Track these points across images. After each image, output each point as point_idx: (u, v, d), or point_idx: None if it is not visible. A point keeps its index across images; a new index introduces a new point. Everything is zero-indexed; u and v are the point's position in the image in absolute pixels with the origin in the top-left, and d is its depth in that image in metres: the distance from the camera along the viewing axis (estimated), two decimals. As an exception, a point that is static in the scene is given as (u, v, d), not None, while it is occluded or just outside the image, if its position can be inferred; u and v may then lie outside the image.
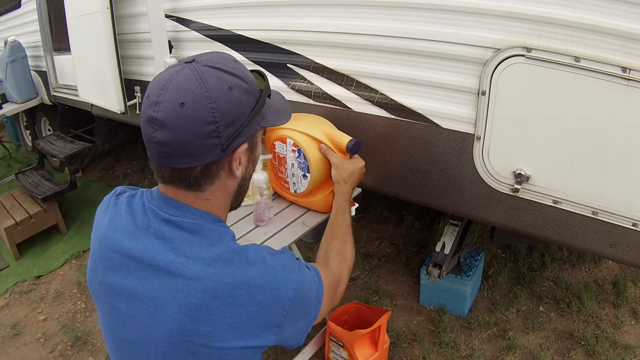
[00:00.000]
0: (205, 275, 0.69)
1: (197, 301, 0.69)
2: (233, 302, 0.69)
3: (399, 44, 1.47)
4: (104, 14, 2.33)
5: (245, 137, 0.75)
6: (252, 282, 0.71)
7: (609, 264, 2.51)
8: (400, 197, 1.73)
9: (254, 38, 1.86)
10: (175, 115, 0.68)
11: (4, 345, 2.39)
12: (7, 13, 3.99)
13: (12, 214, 3.20)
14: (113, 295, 0.76)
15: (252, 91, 0.75)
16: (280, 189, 1.65)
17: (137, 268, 0.73)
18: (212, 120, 0.69)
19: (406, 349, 2.10)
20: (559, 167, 1.30)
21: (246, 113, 0.73)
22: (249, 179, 0.84)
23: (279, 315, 0.73)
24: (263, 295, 0.71)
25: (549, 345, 2.06)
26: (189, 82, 0.69)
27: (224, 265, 0.71)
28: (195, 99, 0.68)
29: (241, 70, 0.75)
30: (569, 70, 1.19)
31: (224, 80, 0.71)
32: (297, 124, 1.55)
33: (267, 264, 0.74)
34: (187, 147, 0.69)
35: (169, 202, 0.75)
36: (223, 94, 0.70)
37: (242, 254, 0.74)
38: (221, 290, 0.69)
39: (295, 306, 0.75)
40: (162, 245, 0.72)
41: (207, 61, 0.72)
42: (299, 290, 0.75)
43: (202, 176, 0.73)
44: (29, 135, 4.72)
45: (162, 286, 0.71)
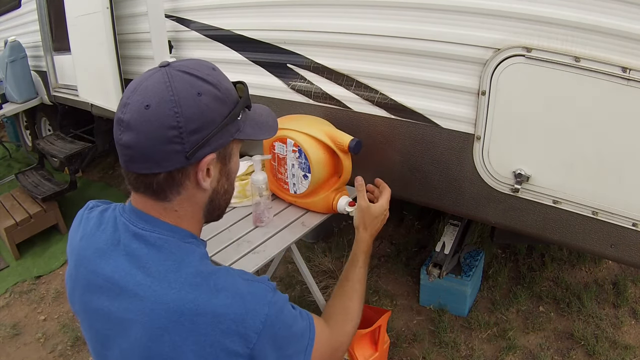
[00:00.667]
0: (169, 299, 0.67)
1: (160, 325, 0.67)
2: (195, 330, 0.66)
3: (399, 44, 1.47)
4: (104, 14, 2.33)
5: (213, 146, 0.70)
6: (216, 310, 0.67)
7: (609, 264, 2.51)
8: (400, 197, 1.73)
9: (254, 38, 1.86)
10: (139, 118, 0.66)
11: (4, 345, 2.39)
12: (7, 13, 3.99)
13: (12, 214, 3.20)
14: (90, 314, 0.76)
15: (226, 100, 0.72)
16: (279, 190, 1.65)
17: (109, 288, 0.72)
18: (175, 125, 0.66)
19: (406, 349, 2.10)
20: (559, 167, 1.30)
21: (216, 121, 0.70)
22: (225, 194, 0.80)
23: (244, 347, 0.68)
24: (227, 325, 0.67)
25: (549, 345, 2.06)
26: (157, 85, 0.67)
27: (190, 290, 0.67)
28: (160, 102, 0.66)
29: (216, 78, 0.72)
30: (569, 71, 1.19)
31: (193, 85, 0.68)
32: (297, 124, 1.55)
33: (236, 292, 0.69)
34: (149, 152, 0.67)
35: (140, 215, 0.73)
36: (190, 99, 0.67)
37: (210, 278, 0.69)
38: (184, 316, 0.66)
39: (264, 341, 0.69)
40: (131, 264, 0.70)
41: (181, 66, 0.70)
42: (269, 324, 0.70)
43: (166, 184, 0.70)
44: (29, 135, 4.72)
45: (130, 308, 0.69)
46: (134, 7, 2.38)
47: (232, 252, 1.40)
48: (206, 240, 0.83)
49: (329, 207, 1.54)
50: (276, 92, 1.88)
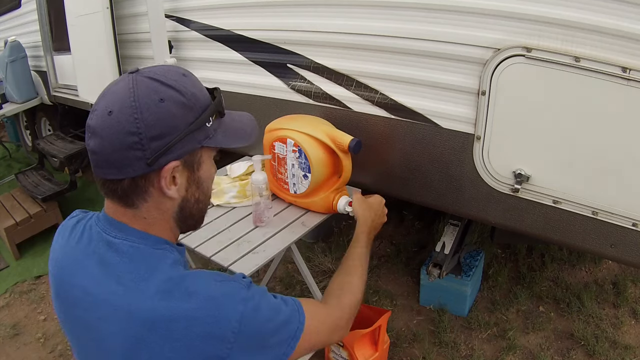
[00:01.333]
0: (142, 308, 0.66)
1: (135, 334, 0.66)
2: (171, 337, 0.65)
3: (399, 44, 1.47)
4: (104, 14, 2.33)
5: (176, 154, 0.69)
6: (189, 314, 0.66)
7: (609, 264, 2.51)
8: (400, 197, 1.73)
9: (254, 38, 1.86)
10: (102, 124, 0.66)
11: (4, 345, 2.38)
12: (7, 13, 3.99)
13: (12, 214, 3.20)
14: (72, 325, 0.76)
15: (192, 106, 0.70)
16: (279, 190, 1.65)
17: (84, 299, 0.71)
18: (135, 132, 0.65)
19: (406, 349, 2.10)
20: (559, 167, 1.30)
21: (179, 128, 0.68)
22: (197, 203, 0.77)
23: (222, 348, 0.67)
24: (202, 329, 0.66)
25: (549, 345, 2.06)
26: (122, 91, 0.67)
27: (162, 297, 0.67)
28: (122, 108, 0.66)
29: (183, 84, 0.70)
30: (569, 70, 1.19)
31: (157, 91, 0.67)
32: (297, 124, 1.55)
33: (208, 294, 0.68)
34: (111, 158, 0.67)
35: (112, 222, 0.73)
36: (151, 105, 0.66)
37: (181, 283, 0.68)
38: (158, 324, 0.66)
39: (244, 339, 0.68)
40: (104, 274, 0.70)
41: (149, 72, 0.69)
42: (246, 322, 0.69)
43: (130, 190, 0.69)
44: (29, 135, 4.72)
45: (105, 318, 0.69)
46: (134, 7, 2.38)
47: (232, 252, 1.40)
48: (184, 247, 0.82)
49: (329, 207, 1.54)
50: (276, 92, 1.88)
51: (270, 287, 2.47)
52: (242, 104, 2.01)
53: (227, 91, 2.03)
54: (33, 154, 4.51)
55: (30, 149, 4.68)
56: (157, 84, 0.68)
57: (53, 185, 3.43)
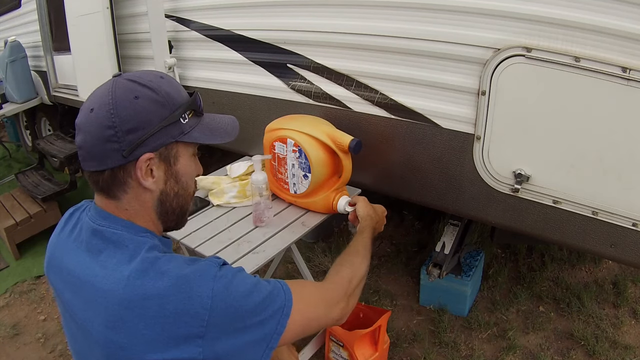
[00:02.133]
0: (119, 287, 0.70)
1: (114, 313, 0.69)
2: (145, 314, 0.68)
3: (399, 44, 1.47)
4: (104, 14, 2.33)
5: (151, 146, 0.74)
6: (162, 292, 0.69)
7: (609, 264, 2.51)
8: (400, 197, 1.73)
9: (254, 38, 1.86)
10: (85, 120, 0.74)
11: (4, 345, 2.38)
12: (7, 13, 3.98)
13: (12, 214, 3.20)
14: (63, 308, 0.81)
15: (165, 103, 0.76)
16: (279, 190, 1.65)
17: (73, 283, 0.77)
18: (111, 125, 0.72)
19: (406, 349, 2.10)
20: (559, 167, 1.30)
21: (153, 122, 0.74)
22: (176, 197, 0.81)
23: (196, 326, 0.69)
24: (174, 306, 0.68)
25: (549, 345, 2.06)
26: (103, 91, 0.74)
27: (138, 276, 0.70)
28: (101, 105, 0.73)
29: (158, 84, 0.76)
30: (569, 70, 1.19)
31: (132, 90, 0.74)
32: (297, 124, 1.55)
33: (180, 273, 0.71)
34: (92, 151, 0.73)
35: (99, 212, 0.78)
36: (126, 102, 0.72)
37: (155, 263, 0.72)
38: (133, 302, 0.69)
39: (218, 316, 0.70)
40: (90, 259, 0.75)
41: (129, 75, 0.77)
42: (218, 298, 0.70)
43: (110, 182, 0.75)
44: (29, 135, 4.72)
45: (89, 299, 0.73)
46: (134, 7, 2.38)
47: (232, 252, 1.40)
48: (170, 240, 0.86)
49: (329, 207, 1.54)
50: (276, 92, 1.88)
51: (270, 287, 2.47)
52: (242, 104, 2.01)
53: (227, 91, 2.03)
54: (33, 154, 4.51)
55: (30, 149, 4.68)
56: (133, 84, 0.75)
57: (53, 185, 3.43)
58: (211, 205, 1.66)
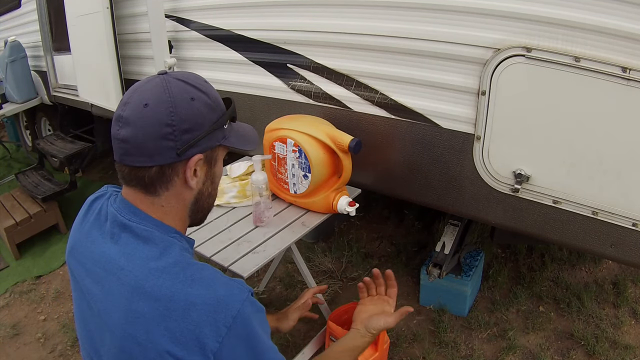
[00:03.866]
0: (147, 285, 0.71)
1: (137, 309, 0.70)
2: (168, 315, 0.69)
3: (399, 44, 1.47)
4: (104, 14, 2.33)
5: (201, 147, 0.77)
6: (189, 299, 0.70)
7: (609, 264, 2.51)
8: (400, 197, 1.73)
9: (254, 38, 1.86)
10: (138, 114, 0.73)
11: (4, 345, 2.38)
12: (7, 13, 3.99)
13: (12, 214, 3.20)
14: (81, 294, 0.81)
15: (215, 108, 0.79)
16: (279, 190, 1.65)
17: (95, 272, 0.77)
18: (170, 123, 0.73)
19: (406, 349, 2.10)
20: (559, 167, 1.30)
21: (205, 125, 0.77)
22: (209, 197, 0.85)
23: (213, 340, 0.69)
24: (198, 315, 0.69)
25: (549, 345, 2.06)
26: (156, 88, 0.75)
27: (167, 278, 0.71)
28: (158, 102, 0.73)
29: (207, 88, 0.79)
30: (569, 70, 1.19)
31: (187, 91, 0.76)
32: (297, 124, 1.55)
33: (211, 286, 0.72)
34: (144, 146, 0.73)
35: (128, 207, 0.78)
36: (184, 102, 0.74)
37: (188, 269, 0.73)
38: (159, 302, 0.70)
39: (234, 339, 0.71)
40: (116, 252, 0.76)
41: (177, 75, 0.78)
42: (241, 321, 0.71)
43: (156, 178, 0.76)
44: (29, 135, 4.72)
45: (111, 291, 0.74)
46: (134, 7, 2.38)
47: (232, 252, 1.40)
48: (194, 240, 0.88)
49: (329, 207, 1.54)
50: (276, 92, 1.88)
51: (271, 287, 2.47)
52: (242, 104, 2.01)
53: (227, 91, 2.03)
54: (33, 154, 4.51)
55: (30, 149, 4.69)
56: (187, 86, 0.76)
57: (53, 185, 3.43)
58: (211, 205, 1.66)
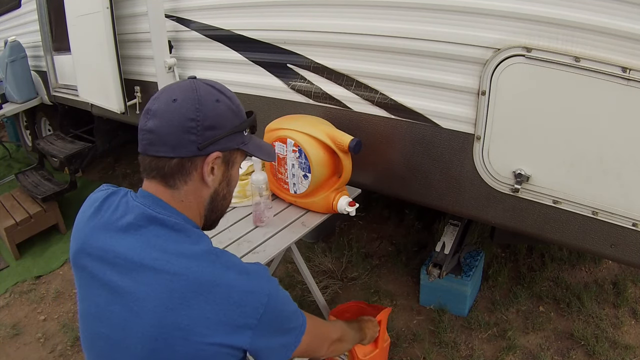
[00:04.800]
0: (188, 271, 0.76)
1: (179, 295, 0.74)
2: (212, 299, 0.75)
3: (399, 44, 1.47)
4: (104, 14, 2.33)
5: (221, 146, 0.83)
6: (229, 282, 0.77)
7: (609, 264, 2.51)
8: (400, 197, 1.73)
9: (254, 38, 1.86)
10: (166, 108, 0.79)
11: (4, 345, 2.38)
12: (7, 13, 3.99)
13: (12, 214, 3.20)
14: (93, 287, 0.81)
15: (237, 112, 0.86)
16: (279, 190, 1.65)
17: (121, 265, 0.78)
18: (194, 118, 0.79)
19: (406, 348, 2.10)
20: (559, 167, 1.30)
21: (227, 126, 0.83)
22: (223, 199, 0.90)
23: (252, 318, 0.77)
24: (239, 296, 0.76)
25: (549, 345, 2.06)
26: (185, 87, 0.82)
27: (207, 264, 0.77)
28: (185, 98, 0.79)
29: (231, 95, 0.86)
30: (569, 70, 1.19)
31: (213, 93, 0.83)
32: (297, 124, 1.55)
33: (243, 269, 0.81)
34: (168, 137, 0.78)
35: (154, 200, 0.82)
36: (209, 102, 0.81)
37: (222, 256, 0.81)
38: (202, 286, 0.75)
39: (269, 314, 0.79)
40: (145, 244, 0.79)
41: (205, 80, 0.85)
42: (272, 298, 0.80)
43: (176, 170, 0.80)
44: (29, 135, 4.72)
45: (144, 281, 0.76)
46: (134, 7, 2.38)
47: (232, 252, 1.39)
48: None
49: (329, 207, 1.54)
50: (276, 92, 1.88)
51: (270, 287, 2.46)
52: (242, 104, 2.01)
53: (227, 91, 2.03)
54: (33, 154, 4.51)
55: (30, 149, 4.68)
56: (214, 90, 0.83)
57: (53, 185, 3.43)
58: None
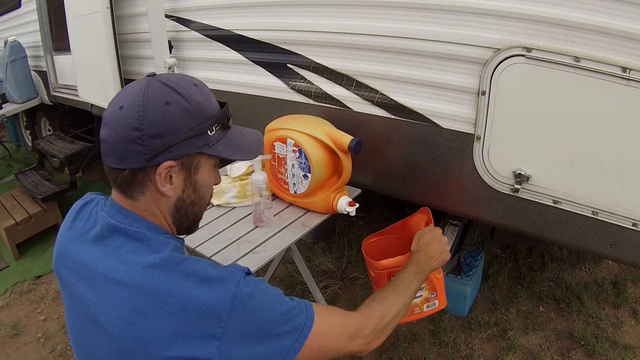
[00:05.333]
0: (143, 282, 0.71)
1: (136, 307, 0.70)
2: (167, 310, 0.70)
3: (398, 44, 1.47)
4: (104, 14, 2.33)
5: (174, 154, 0.74)
6: (186, 292, 0.71)
7: (609, 264, 2.51)
8: (400, 197, 1.73)
9: (254, 38, 1.86)
10: (113, 116, 0.74)
11: (4, 345, 2.38)
12: (7, 13, 3.99)
13: (12, 214, 3.20)
14: (73, 301, 0.81)
15: (195, 113, 0.75)
16: (279, 190, 1.65)
17: (88, 276, 0.77)
18: (138, 127, 0.72)
19: (406, 349, 2.10)
20: (559, 167, 1.30)
21: (180, 131, 0.74)
22: (192, 205, 0.82)
23: (216, 327, 0.70)
24: (197, 306, 0.70)
25: (549, 345, 2.06)
26: (135, 90, 0.74)
27: (163, 274, 0.72)
28: (131, 105, 0.73)
29: (190, 93, 0.76)
30: (569, 70, 1.19)
31: (164, 95, 0.73)
32: (297, 124, 1.55)
33: (205, 276, 0.73)
34: (115, 147, 0.74)
35: (119, 209, 0.78)
36: (157, 106, 0.72)
37: (182, 264, 0.74)
38: (157, 297, 0.70)
39: (238, 321, 0.71)
40: (109, 254, 0.75)
41: (163, 78, 0.76)
42: (240, 304, 0.72)
43: (129, 181, 0.76)
44: (29, 135, 4.72)
45: (107, 294, 0.73)
46: (134, 7, 2.38)
47: (232, 252, 1.40)
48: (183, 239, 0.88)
49: (329, 207, 1.54)
50: (276, 92, 1.88)
51: (270, 287, 2.46)
52: (242, 104, 2.01)
53: (227, 91, 2.03)
54: (33, 154, 4.51)
55: (30, 149, 4.68)
56: (166, 89, 0.74)
57: (53, 185, 3.43)
58: (211, 205, 1.66)
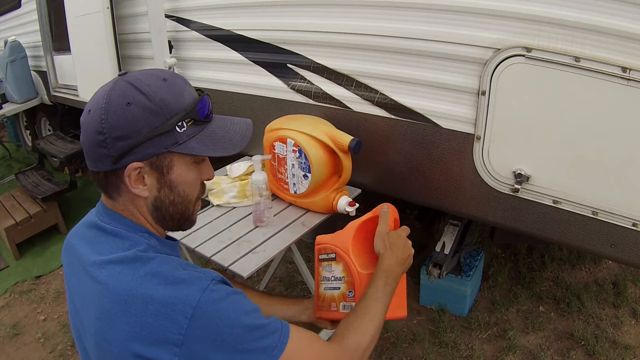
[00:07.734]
0: (109, 280, 0.71)
1: (103, 305, 0.71)
2: (127, 310, 0.68)
3: (399, 44, 1.47)
4: (104, 14, 2.33)
5: (139, 155, 0.72)
6: (147, 292, 0.69)
7: (609, 264, 2.51)
8: (400, 197, 1.73)
9: (254, 38, 1.86)
10: (84, 120, 0.74)
11: (4, 345, 2.38)
12: (7, 13, 3.99)
13: (12, 214, 3.20)
14: (69, 291, 0.84)
15: (158, 112, 0.72)
16: (279, 190, 1.65)
17: (78, 271, 0.79)
18: (101, 131, 0.71)
19: (406, 349, 2.10)
20: (559, 167, 1.30)
21: (143, 131, 0.71)
22: (172, 205, 0.79)
23: (174, 333, 0.67)
24: (156, 308, 0.68)
25: (549, 345, 2.06)
26: (101, 93, 0.74)
27: (128, 273, 0.71)
28: (96, 108, 0.72)
29: (154, 90, 0.72)
30: (569, 70, 1.19)
31: (127, 95, 0.71)
32: (297, 124, 1.55)
33: (169, 278, 0.70)
34: (88, 151, 0.75)
35: (104, 208, 0.80)
36: (117, 108, 0.71)
37: (150, 263, 0.72)
38: (120, 296, 0.70)
39: (200, 329, 0.68)
40: (90, 252, 0.77)
41: (131, 77, 0.74)
42: (204, 311, 0.68)
43: (105, 183, 0.76)
44: (29, 135, 4.72)
45: (86, 290, 0.76)
46: (134, 7, 2.38)
47: (232, 252, 1.40)
48: (175, 239, 0.88)
49: (329, 207, 1.54)
50: (276, 92, 1.88)
51: (270, 287, 2.46)
52: (242, 104, 2.01)
53: (227, 91, 2.03)
54: (33, 154, 4.51)
55: (30, 149, 4.69)
56: (130, 88, 0.72)
57: (53, 185, 3.43)
58: (211, 205, 1.66)
